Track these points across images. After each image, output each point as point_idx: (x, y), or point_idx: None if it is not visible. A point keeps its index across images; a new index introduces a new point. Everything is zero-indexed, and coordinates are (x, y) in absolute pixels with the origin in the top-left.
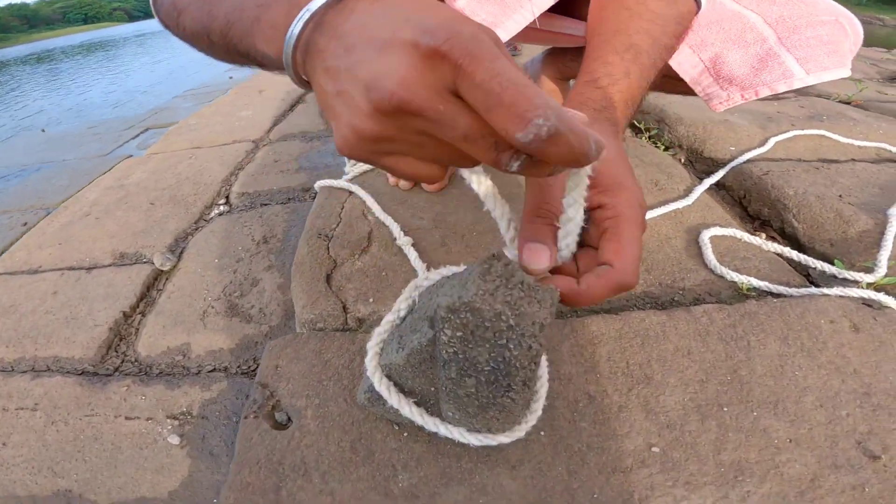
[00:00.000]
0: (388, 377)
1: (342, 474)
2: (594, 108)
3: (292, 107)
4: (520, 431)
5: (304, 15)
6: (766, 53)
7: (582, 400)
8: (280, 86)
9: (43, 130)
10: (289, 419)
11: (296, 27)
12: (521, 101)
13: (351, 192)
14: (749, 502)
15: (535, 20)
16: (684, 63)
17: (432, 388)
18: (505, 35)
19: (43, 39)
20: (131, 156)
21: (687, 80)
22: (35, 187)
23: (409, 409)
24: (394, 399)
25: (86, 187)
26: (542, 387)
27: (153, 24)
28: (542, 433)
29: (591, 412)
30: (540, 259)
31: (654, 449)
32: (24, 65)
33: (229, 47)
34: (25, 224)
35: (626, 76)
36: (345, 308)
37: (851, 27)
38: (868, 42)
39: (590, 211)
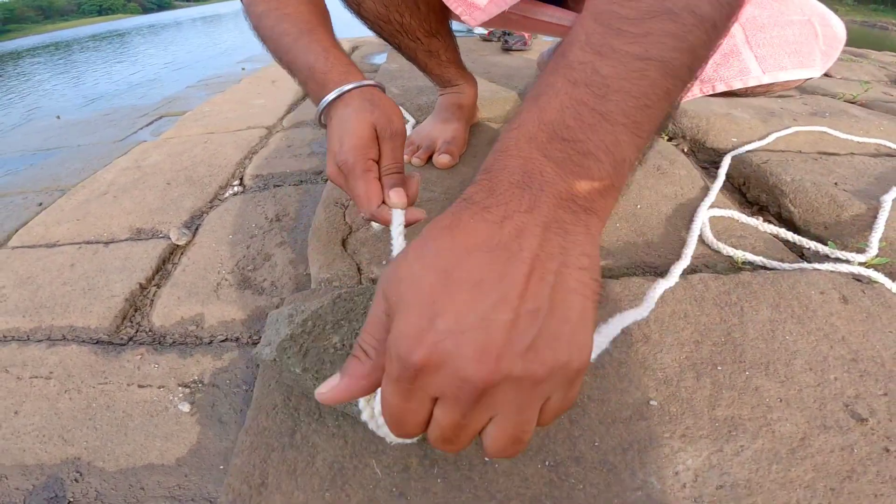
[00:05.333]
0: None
1: (355, 419)
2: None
3: (305, 97)
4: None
5: (321, 107)
6: (730, 50)
7: None
8: None
9: (58, 117)
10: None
11: (319, 110)
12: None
13: None
14: (743, 456)
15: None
16: None
17: None
18: (485, 16)
19: (57, 30)
20: (146, 141)
21: None
22: (50, 170)
23: None
24: None
25: (102, 168)
26: None
27: (165, 16)
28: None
29: (592, 367)
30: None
31: (652, 402)
32: (39, 54)
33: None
34: (41, 204)
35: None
36: (359, 269)
37: (825, 28)
38: (880, 46)
39: None
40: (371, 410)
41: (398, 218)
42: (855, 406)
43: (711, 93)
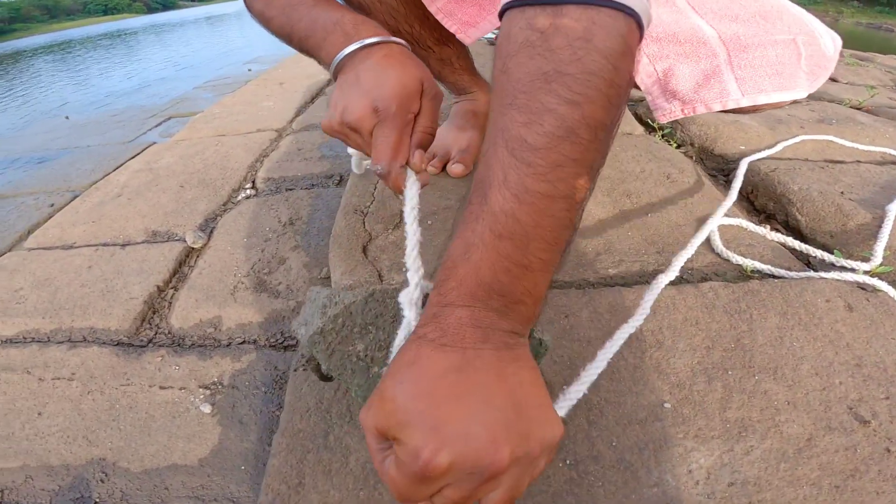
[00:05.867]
0: None
1: None
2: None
3: (313, 99)
4: None
5: (339, 58)
6: (712, 70)
7: None
8: (300, 79)
9: (67, 118)
10: None
11: (336, 62)
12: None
13: None
14: (752, 455)
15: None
16: (641, 72)
17: None
18: (479, 34)
19: (62, 29)
20: (155, 143)
21: (642, 88)
22: (61, 171)
23: None
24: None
25: (115, 171)
26: None
27: (170, 16)
28: (565, 387)
29: (608, 371)
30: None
31: (665, 405)
32: (46, 54)
33: (302, 49)
34: (52, 205)
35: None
36: (380, 276)
37: (811, 47)
38: (885, 49)
39: None
40: None
41: (414, 184)
42: (858, 409)
43: (692, 114)
